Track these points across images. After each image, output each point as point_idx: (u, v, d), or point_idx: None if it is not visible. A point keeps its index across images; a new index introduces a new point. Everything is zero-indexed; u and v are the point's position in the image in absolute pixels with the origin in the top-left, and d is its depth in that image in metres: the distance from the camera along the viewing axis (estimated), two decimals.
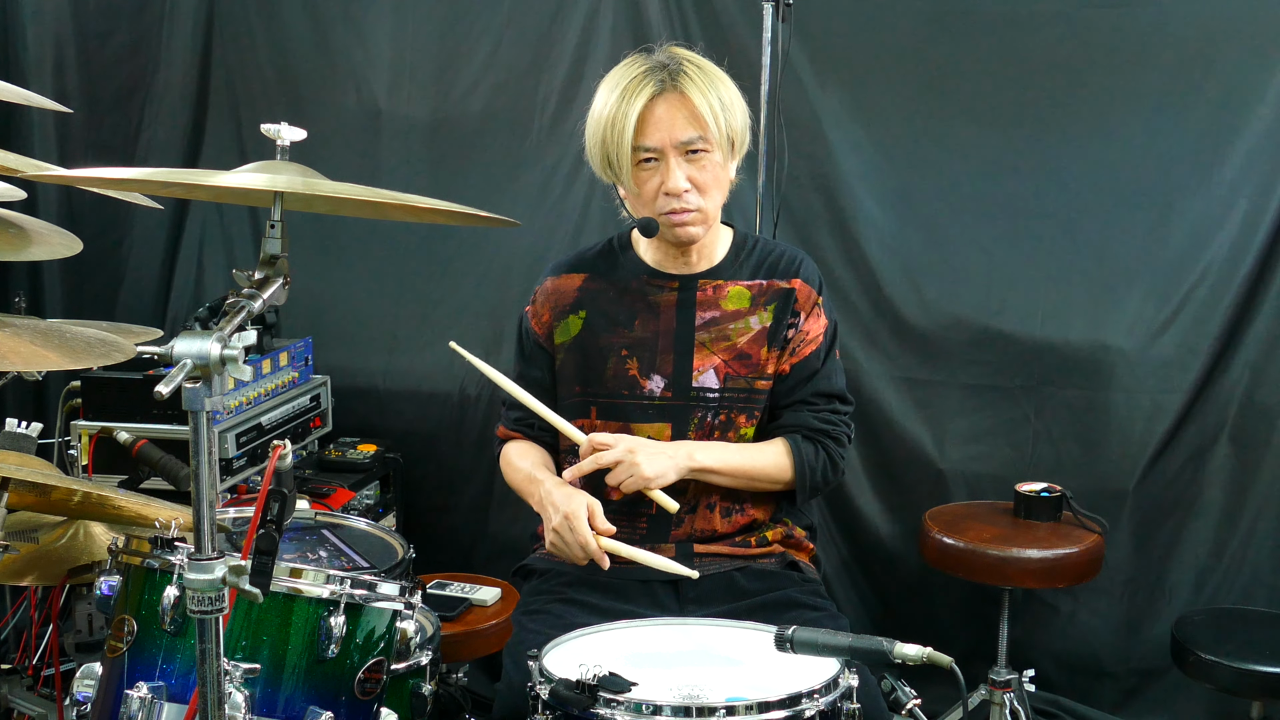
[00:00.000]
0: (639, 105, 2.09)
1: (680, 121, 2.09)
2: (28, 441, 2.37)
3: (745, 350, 2.24)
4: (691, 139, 2.10)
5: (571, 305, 2.28)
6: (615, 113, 2.10)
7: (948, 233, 3.15)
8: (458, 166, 3.46)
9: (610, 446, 2.12)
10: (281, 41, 3.54)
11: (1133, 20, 2.98)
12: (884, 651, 1.66)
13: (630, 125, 2.08)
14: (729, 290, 2.25)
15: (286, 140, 1.57)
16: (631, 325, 2.25)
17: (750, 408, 2.25)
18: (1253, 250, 2.95)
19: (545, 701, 1.70)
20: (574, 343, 2.27)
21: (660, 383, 2.23)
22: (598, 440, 2.14)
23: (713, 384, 2.23)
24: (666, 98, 2.09)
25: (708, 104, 2.09)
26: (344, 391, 3.41)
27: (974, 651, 3.07)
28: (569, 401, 2.28)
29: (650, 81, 2.10)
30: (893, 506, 3.26)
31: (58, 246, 2.15)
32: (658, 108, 2.09)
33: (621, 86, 2.11)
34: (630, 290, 2.27)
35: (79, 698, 1.68)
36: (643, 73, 2.11)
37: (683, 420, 2.23)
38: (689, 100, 2.09)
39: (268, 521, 1.45)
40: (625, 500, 2.21)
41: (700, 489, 2.23)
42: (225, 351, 1.32)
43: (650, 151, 2.11)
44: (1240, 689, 2.66)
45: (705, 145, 2.11)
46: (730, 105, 2.14)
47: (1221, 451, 3.04)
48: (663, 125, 2.09)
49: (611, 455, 2.11)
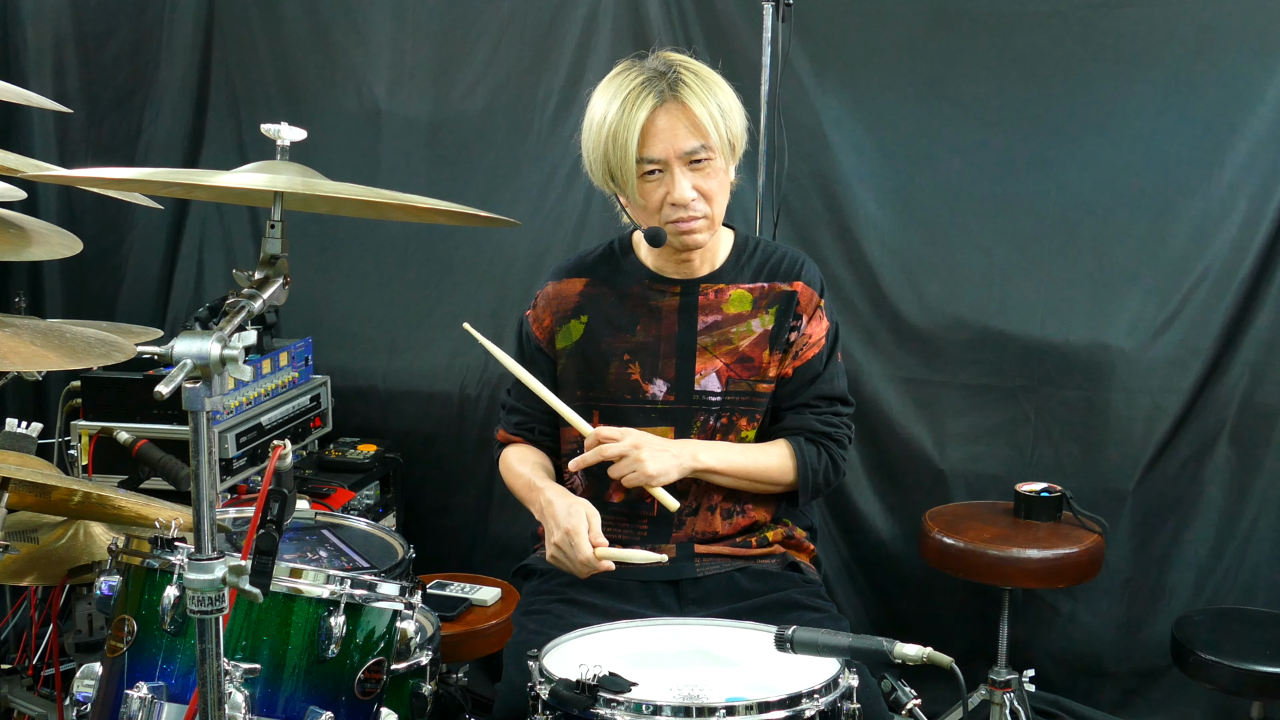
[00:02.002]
0: (641, 118, 2.08)
1: (682, 132, 2.09)
2: (28, 441, 2.37)
3: (747, 353, 2.23)
4: (694, 149, 2.10)
5: (573, 310, 2.28)
6: (617, 126, 2.09)
7: (948, 233, 3.15)
8: (458, 166, 3.46)
9: (616, 440, 2.12)
10: (281, 41, 3.54)
11: (1133, 20, 2.98)
12: (884, 651, 1.66)
13: (634, 139, 2.08)
14: (730, 294, 2.25)
15: (286, 140, 1.57)
16: (634, 330, 2.25)
17: (752, 410, 2.25)
18: (1253, 250, 2.95)
19: (545, 701, 1.70)
20: (576, 347, 2.27)
21: (663, 387, 2.23)
22: (604, 434, 2.14)
23: (715, 387, 2.23)
24: (667, 109, 2.09)
25: (708, 112, 2.09)
26: (344, 391, 3.42)
27: (974, 651, 3.07)
28: (572, 406, 2.27)
29: (650, 93, 2.09)
30: (893, 506, 3.26)
31: (58, 246, 2.15)
32: (659, 119, 2.09)
33: (621, 98, 2.10)
34: (632, 295, 2.27)
35: (79, 698, 1.68)
36: (640, 84, 2.10)
37: (685, 424, 2.23)
38: (689, 110, 2.09)
39: (268, 521, 1.45)
40: (627, 502, 2.21)
41: (702, 490, 2.23)
42: (225, 351, 1.32)
43: (655, 163, 2.11)
44: (1240, 689, 2.66)
45: (708, 154, 2.11)
46: (729, 110, 2.14)
47: (1221, 451, 3.04)
48: (665, 136, 2.09)
49: (617, 449, 2.11)
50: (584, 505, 2.09)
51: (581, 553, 2.03)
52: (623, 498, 2.22)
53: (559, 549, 2.07)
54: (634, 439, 2.12)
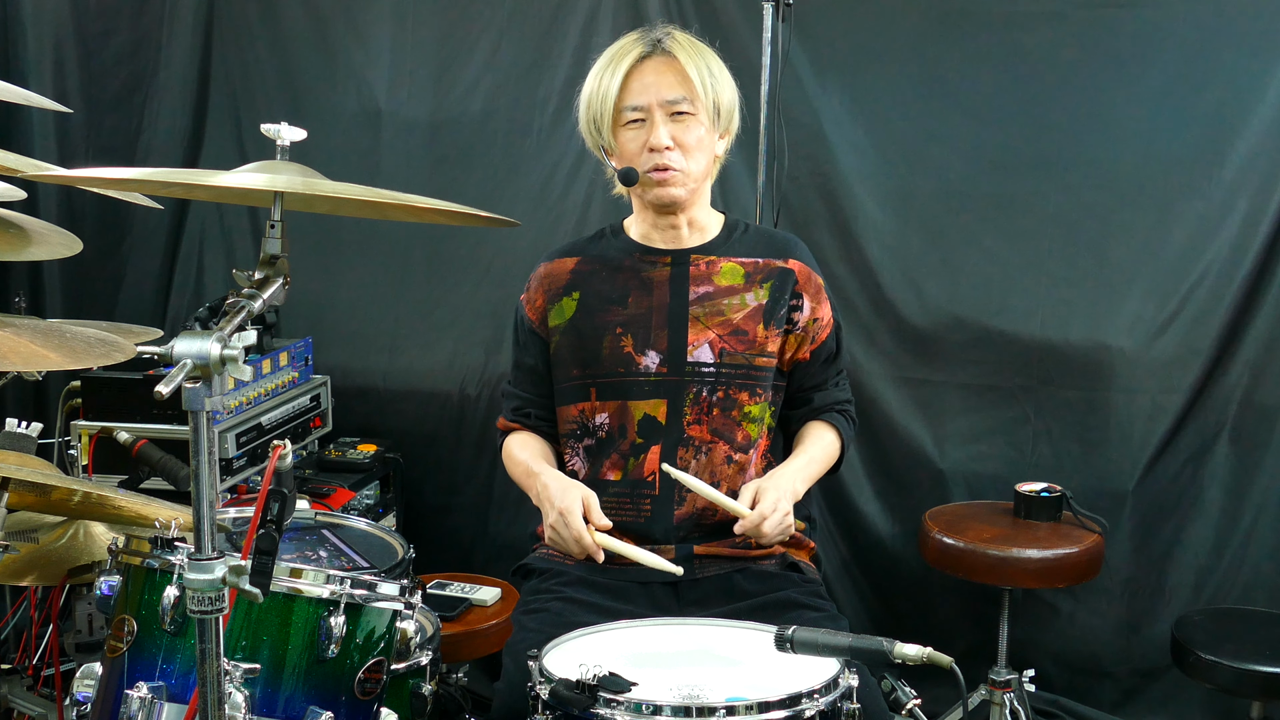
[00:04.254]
0: (626, 65, 2.16)
1: (667, 81, 2.15)
2: (28, 441, 2.37)
3: (741, 326, 2.24)
4: (677, 99, 2.15)
5: (565, 288, 2.30)
6: (603, 74, 2.18)
7: (948, 233, 3.15)
8: (458, 166, 3.46)
9: (766, 514, 2.10)
10: (281, 41, 3.54)
11: (1133, 20, 2.98)
12: (884, 651, 1.66)
13: (616, 84, 2.16)
14: (722, 266, 2.27)
15: (286, 140, 1.57)
16: (625, 302, 2.26)
17: (752, 385, 2.25)
18: (1253, 250, 2.95)
19: (545, 701, 1.70)
20: (569, 325, 2.29)
21: (655, 359, 2.24)
22: (763, 510, 2.10)
23: (708, 358, 2.23)
24: (654, 59, 2.17)
25: (695, 68, 2.16)
26: (344, 391, 3.42)
27: (974, 651, 3.07)
28: (568, 385, 2.29)
29: (639, 45, 2.18)
30: (893, 506, 3.25)
31: (58, 246, 2.15)
32: (645, 68, 2.17)
33: (612, 54, 2.20)
34: (623, 268, 2.29)
35: (79, 698, 1.68)
36: (632, 40, 2.20)
37: (678, 396, 2.23)
38: (676, 62, 2.16)
39: (268, 521, 1.45)
40: (626, 481, 2.23)
41: (703, 466, 2.23)
42: (225, 351, 1.32)
43: (636, 111, 2.17)
44: (1240, 689, 2.66)
45: (691, 109, 2.17)
46: (718, 76, 2.20)
47: (1221, 451, 3.04)
48: (649, 85, 2.16)
49: (775, 521, 2.10)
50: (580, 488, 2.13)
51: (574, 529, 2.06)
52: (620, 476, 2.23)
53: (555, 529, 2.11)
54: (771, 500, 2.11)
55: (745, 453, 2.25)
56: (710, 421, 2.23)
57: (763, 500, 2.11)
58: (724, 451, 2.24)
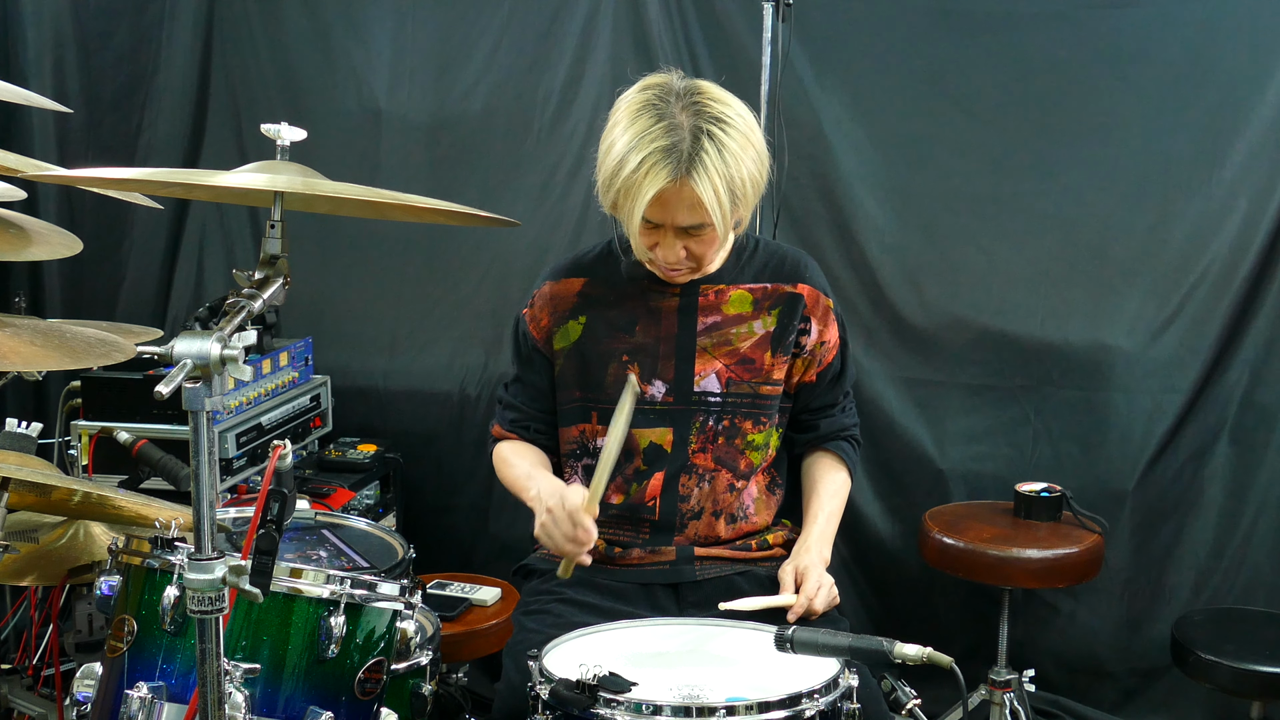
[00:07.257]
0: (651, 191, 2.02)
1: (684, 211, 2.05)
2: (28, 441, 2.37)
3: (748, 355, 2.23)
4: (694, 225, 2.08)
5: (571, 310, 2.27)
6: (630, 184, 2.03)
7: (948, 233, 3.16)
8: (458, 166, 3.46)
9: (812, 594, 2.10)
10: (281, 41, 3.54)
11: (1133, 20, 2.98)
12: (884, 651, 1.66)
13: (641, 206, 2.03)
14: (731, 295, 2.24)
15: (286, 140, 1.57)
16: (633, 331, 2.24)
17: (756, 413, 2.24)
18: (1253, 250, 2.95)
19: (545, 701, 1.70)
20: (574, 348, 2.26)
21: (661, 388, 2.23)
22: (808, 591, 2.11)
23: (715, 388, 2.23)
24: (678, 187, 2.02)
25: (716, 199, 2.02)
26: (344, 391, 3.41)
27: (974, 651, 3.07)
28: (569, 406, 2.27)
29: (667, 165, 2.01)
30: (893, 506, 3.25)
31: (58, 246, 2.15)
32: (667, 192, 2.03)
33: (640, 157, 2.02)
34: (631, 296, 2.25)
35: (79, 698, 1.68)
36: (662, 151, 2.01)
37: (684, 424, 2.22)
38: (697, 194, 2.02)
39: (268, 521, 1.45)
40: (626, 505, 2.22)
41: (705, 494, 2.23)
42: (225, 351, 1.32)
43: (650, 222, 2.09)
44: (1240, 689, 2.67)
45: (707, 230, 2.08)
46: (743, 185, 2.06)
47: (1221, 451, 3.05)
48: (669, 208, 2.05)
49: (825, 597, 2.11)
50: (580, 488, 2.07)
51: (571, 502, 1.99)
52: (622, 499, 2.22)
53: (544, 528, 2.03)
54: (815, 580, 2.11)
55: (746, 479, 2.25)
56: (715, 450, 2.22)
57: (806, 583, 2.11)
58: (726, 479, 2.23)
